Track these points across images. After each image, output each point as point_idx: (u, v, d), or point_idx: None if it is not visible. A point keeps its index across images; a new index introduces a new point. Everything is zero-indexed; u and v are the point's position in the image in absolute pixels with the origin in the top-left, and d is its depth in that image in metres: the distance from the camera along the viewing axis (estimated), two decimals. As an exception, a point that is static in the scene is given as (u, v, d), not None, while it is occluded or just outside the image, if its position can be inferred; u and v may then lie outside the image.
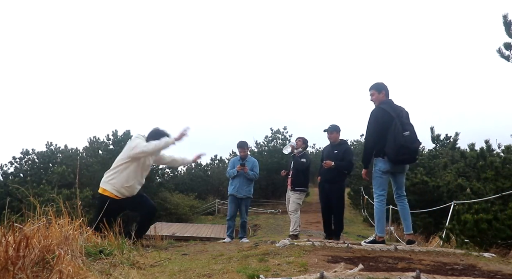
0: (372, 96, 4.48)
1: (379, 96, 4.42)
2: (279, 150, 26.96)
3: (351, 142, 36.88)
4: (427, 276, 2.54)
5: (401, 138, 4.09)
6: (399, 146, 4.09)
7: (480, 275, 2.89)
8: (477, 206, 5.82)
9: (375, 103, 4.47)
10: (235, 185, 6.69)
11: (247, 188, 6.68)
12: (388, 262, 3.30)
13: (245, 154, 6.84)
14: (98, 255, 3.12)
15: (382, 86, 4.47)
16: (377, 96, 4.43)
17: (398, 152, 4.11)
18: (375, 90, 4.47)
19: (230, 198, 6.79)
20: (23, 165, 20.16)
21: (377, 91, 4.45)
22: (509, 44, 5.26)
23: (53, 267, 2.12)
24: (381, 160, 4.28)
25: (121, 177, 4.56)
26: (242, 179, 6.65)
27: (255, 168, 6.75)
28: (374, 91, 4.47)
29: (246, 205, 6.80)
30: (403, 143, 4.08)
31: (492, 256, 3.79)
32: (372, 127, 4.29)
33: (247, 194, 6.69)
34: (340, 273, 2.47)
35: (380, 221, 4.41)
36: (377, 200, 4.36)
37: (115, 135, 21.55)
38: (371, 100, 4.51)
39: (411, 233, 4.51)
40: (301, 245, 3.92)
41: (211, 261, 3.33)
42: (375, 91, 4.46)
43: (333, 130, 6.15)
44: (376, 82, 4.52)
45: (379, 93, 4.43)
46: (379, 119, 4.26)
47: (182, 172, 29.06)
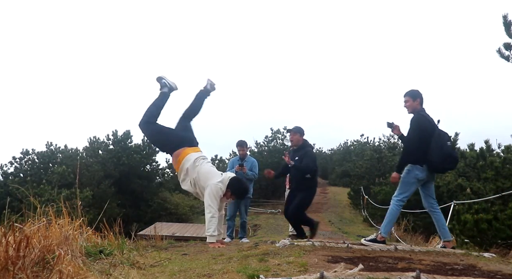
0: (406, 103, 4.45)
1: (413, 104, 4.40)
2: (279, 150, 26.94)
3: (351, 142, 36.94)
4: (427, 276, 2.54)
5: (447, 147, 4.19)
6: (446, 154, 4.17)
7: (480, 275, 2.89)
8: (477, 206, 5.83)
9: (408, 110, 4.46)
10: None
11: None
12: (388, 262, 3.30)
13: (244, 153, 6.84)
14: (98, 255, 3.12)
15: (417, 93, 4.43)
16: (411, 103, 4.41)
17: (445, 160, 4.18)
18: (409, 97, 4.43)
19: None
20: (23, 165, 20.15)
21: (411, 98, 4.42)
22: (509, 44, 5.26)
23: (53, 267, 2.12)
24: (419, 168, 4.26)
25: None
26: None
27: (254, 168, 6.75)
28: (408, 98, 4.44)
29: (245, 205, 6.80)
30: (450, 152, 4.20)
31: (492, 256, 3.79)
32: (417, 134, 4.25)
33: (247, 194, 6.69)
34: (340, 273, 2.47)
35: (390, 223, 4.42)
36: (397, 203, 4.35)
37: (115, 135, 21.54)
38: (404, 106, 4.49)
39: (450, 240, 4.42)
40: (301, 245, 3.92)
41: (211, 261, 3.32)
42: (409, 98, 4.43)
43: (296, 132, 5.70)
44: (411, 89, 4.48)
45: (413, 101, 4.40)
46: (422, 127, 4.25)
47: (182, 172, 29.01)
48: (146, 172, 22.40)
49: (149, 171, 22.76)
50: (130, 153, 21.09)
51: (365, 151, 25.16)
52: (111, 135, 21.58)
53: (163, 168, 25.59)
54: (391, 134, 27.84)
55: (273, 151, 27.20)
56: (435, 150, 4.16)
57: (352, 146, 35.48)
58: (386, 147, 23.61)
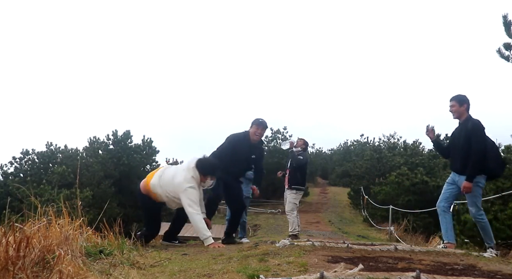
0: (452, 107, 4.42)
1: (459, 109, 4.37)
2: (279, 150, 26.89)
3: (351, 142, 36.94)
4: (427, 276, 2.54)
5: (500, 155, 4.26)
6: (502, 162, 4.24)
7: (480, 275, 2.89)
8: (477, 206, 5.82)
9: (454, 115, 4.43)
10: None
11: (246, 188, 6.67)
12: (388, 262, 3.30)
13: None
14: (98, 255, 3.12)
15: (464, 99, 4.38)
16: (458, 108, 4.37)
17: (503, 167, 4.25)
18: (456, 102, 4.39)
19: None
20: (23, 165, 20.15)
21: (458, 104, 4.38)
22: (509, 44, 5.26)
23: (53, 267, 2.12)
24: (483, 177, 4.24)
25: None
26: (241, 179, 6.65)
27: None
28: (454, 103, 4.40)
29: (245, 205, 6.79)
30: (504, 160, 4.30)
31: (492, 256, 3.79)
32: (483, 140, 4.18)
33: (246, 194, 6.69)
34: (340, 273, 2.47)
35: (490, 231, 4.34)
36: (483, 214, 4.31)
37: (115, 135, 21.53)
38: (450, 111, 4.45)
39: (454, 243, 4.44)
40: (301, 245, 3.92)
41: (211, 261, 3.32)
42: (455, 103, 4.39)
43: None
44: (458, 94, 4.44)
45: (460, 106, 4.37)
46: (483, 134, 4.20)
47: (182, 172, 29.05)
48: (146, 172, 22.19)
49: (149, 171, 22.71)
50: (130, 153, 21.07)
51: (365, 151, 25.17)
52: (111, 135, 21.57)
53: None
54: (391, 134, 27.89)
55: (273, 151, 27.16)
56: (493, 158, 4.15)
57: (352, 146, 35.48)
58: (386, 147, 23.62)
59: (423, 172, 13.17)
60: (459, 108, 4.38)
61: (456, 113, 4.42)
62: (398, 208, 11.08)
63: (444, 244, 4.40)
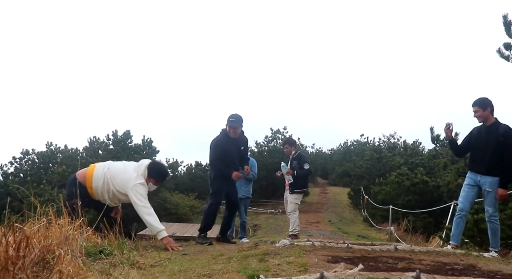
0: (476, 113, 4.38)
1: (483, 113, 4.33)
2: (279, 150, 26.87)
3: (351, 142, 36.92)
4: (427, 276, 2.54)
5: None
6: None
7: (480, 275, 2.89)
8: (477, 206, 5.81)
9: (479, 120, 4.40)
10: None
11: (245, 188, 6.69)
12: (388, 262, 3.30)
13: None
14: (98, 255, 3.12)
15: (486, 102, 4.34)
16: (482, 113, 4.33)
17: None
18: (478, 107, 4.35)
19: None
20: (23, 165, 20.16)
21: (481, 108, 4.33)
22: (509, 44, 5.27)
23: (53, 267, 2.12)
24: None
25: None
26: (240, 179, 6.65)
27: (253, 168, 6.76)
28: (477, 108, 4.36)
29: (245, 205, 6.81)
30: None
31: (492, 256, 3.79)
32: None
33: (246, 194, 6.70)
34: (340, 273, 2.47)
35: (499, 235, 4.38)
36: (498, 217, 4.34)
37: (115, 135, 21.54)
38: (475, 116, 4.41)
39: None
40: (301, 245, 3.92)
41: (211, 261, 3.33)
42: (478, 108, 4.35)
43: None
44: (480, 98, 4.39)
45: (484, 110, 4.32)
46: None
47: (182, 172, 29.08)
48: (146, 172, 22.36)
49: (149, 171, 22.72)
50: (130, 153, 21.06)
51: (365, 151, 25.20)
52: (111, 135, 21.59)
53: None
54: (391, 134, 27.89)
55: (273, 151, 27.14)
56: None
57: (352, 146, 35.49)
58: (386, 147, 23.63)
59: (423, 172, 13.18)
60: (483, 113, 4.33)
61: (481, 118, 4.37)
62: (398, 208, 11.08)
63: (452, 246, 4.40)
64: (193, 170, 29.03)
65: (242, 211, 6.78)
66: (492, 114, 4.35)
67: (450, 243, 4.50)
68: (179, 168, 28.37)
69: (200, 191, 26.41)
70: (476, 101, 4.39)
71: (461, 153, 4.91)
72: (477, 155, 4.47)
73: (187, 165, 29.54)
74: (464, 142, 4.74)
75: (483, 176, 4.31)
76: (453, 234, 4.53)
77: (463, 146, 4.77)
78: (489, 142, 4.30)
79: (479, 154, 4.43)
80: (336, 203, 21.46)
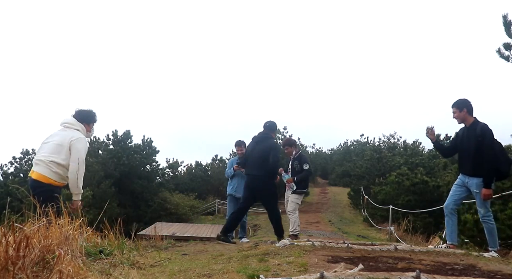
0: (454, 114, 4.45)
1: (460, 114, 4.39)
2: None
3: (351, 142, 36.92)
4: (427, 276, 2.54)
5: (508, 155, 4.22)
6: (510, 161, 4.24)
7: (480, 275, 2.89)
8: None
9: (458, 121, 4.46)
10: (233, 185, 6.73)
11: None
12: (388, 262, 3.30)
13: (242, 152, 6.88)
14: (98, 255, 3.12)
15: (463, 103, 4.40)
16: (459, 114, 4.40)
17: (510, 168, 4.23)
18: (455, 108, 4.43)
19: (229, 198, 6.82)
20: (23, 165, 20.16)
21: (458, 109, 4.40)
22: (508, 44, 5.27)
23: (53, 267, 2.12)
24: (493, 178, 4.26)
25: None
26: (240, 179, 6.66)
27: None
28: (455, 109, 4.43)
29: None
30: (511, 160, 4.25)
31: (492, 256, 3.79)
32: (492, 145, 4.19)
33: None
34: (340, 273, 2.47)
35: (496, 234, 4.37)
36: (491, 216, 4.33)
37: (115, 135, 21.54)
38: (453, 117, 4.48)
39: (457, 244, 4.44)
40: (301, 245, 3.92)
41: (211, 261, 3.33)
42: (456, 109, 4.43)
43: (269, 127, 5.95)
44: (458, 99, 4.46)
45: (460, 111, 4.39)
46: (492, 137, 4.22)
47: (182, 172, 29.08)
48: (146, 172, 22.39)
49: (149, 171, 22.76)
50: (130, 153, 21.08)
51: (365, 151, 25.18)
52: (111, 135, 21.58)
53: (163, 168, 25.58)
54: (391, 134, 27.91)
55: (273, 151, 27.07)
56: (504, 160, 4.18)
57: (352, 146, 35.51)
58: (386, 147, 23.63)
59: (423, 172, 13.18)
60: (460, 114, 4.40)
61: (459, 119, 4.44)
62: (398, 208, 11.08)
63: (447, 245, 4.41)
64: (193, 170, 29.03)
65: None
66: (470, 115, 4.39)
67: (447, 243, 4.51)
68: (179, 168, 28.39)
69: (200, 191, 26.42)
70: (454, 102, 4.46)
71: (447, 154, 4.97)
72: (462, 157, 4.53)
73: (187, 165, 29.58)
74: (451, 143, 4.83)
75: (470, 178, 4.35)
76: (447, 234, 4.56)
77: (449, 147, 4.85)
78: (470, 143, 4.35)
79: (464, 156, 4.49)
80: (336, 203, 21.46)
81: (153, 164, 23.20)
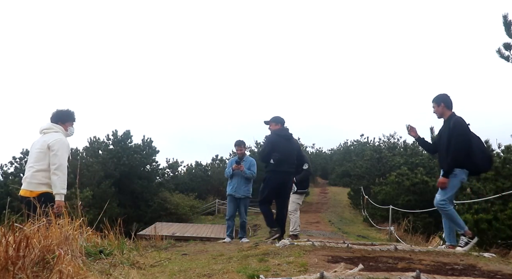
0: (433, 109, 4.50)
1: (438, 109, 4.44)
2: (279, 150, 26.80)
3: (351, 142, 36.92)
4: (427, 276, 2.54)
5: (487, 150, 4.29)
6: (488, 157, 4.27)
7: (480, 275, 2.89)
8: (477, 206, 5.82)
9: (437, 116, 4.50)
10: (233, 185, 6.73)
11: (245, 187, 6.70)
12: (388, 262, 3.30)
13: (242, 152, 6.91)
14: (98, 255, 3.12)
15: (441, 98, 4.45)
16: (437, 108, 4.45)
17: (489, 162, 4.27)
18: (435, 103, 4.48)
19: (228, 198, 6.83)
20: (23, 165, 20.13)
21: (436, 104, 4.45)
22: (508, 44, 5.27)
23: (53, 267, 2.12)
24: (465, 171, 4.26)
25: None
26: (240, 178, 6.67)
27: (252, 167, 6.79)
28: (434, 104, 4.49)
29: (245, 205, 6.81)
30: (490, 155, 4.29)
31: (492, 256, 3.79)
32: (465, 138, 4.20)
33: (246, 194, 6.71)
34: (340, 273, 2.47)
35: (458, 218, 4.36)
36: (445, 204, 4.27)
37: (115, 135, 21.55)
38: (433, 112, 4.52)
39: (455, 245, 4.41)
40: (301, 245, 3.92)
41: (211, 261, 3.33)
42: (434, 104, 4.48)
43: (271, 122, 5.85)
44: (437, 95, 4.50)
45: (438, 106, 4.43)
46: (465, 129, 4.24)
47: (182, 172, 29.09)
48: (146, 172, 22.41)
49: (149, 171, 22.78)
50: (130, 153, 21.09)
51: (365, 151, 25.17)
52: (111, 135, 21.59)
53: (163, 168, 25.60)
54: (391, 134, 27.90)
55: (273, 151, 27.06)
56: (478, 153, 4.18)
57: (352, 146, 35.51)
58: (386, 147, 23.61)
59: (423, 172, 13.16)
60: (438, 108, 4.45)
61: (437, 114, 4.49)
62: (398, 208, 11.08)
63: (447, 246, 4.40)
64: (193, 170, 29.03)
65: (242, 211, 6.78)
66: (448, 109, 4.41)
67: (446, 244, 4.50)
68: (179, 168, 28.40)
69: (200, 191, 26.43)
70: (434, 98, 4.50)
71: (430, 150, 4.96)
72: (439, 152, 4.55)
73: (187, 165, 29.59)
74: (434, 139, 4.87)
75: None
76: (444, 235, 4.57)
77: (431, 144, 4.88)
78: (444, 136, 4.37)
79: (440, 150, 4.51)
80: (336, 203, 21.47)
81: (153, 164, 23.22)
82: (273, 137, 5.76)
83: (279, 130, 5.74)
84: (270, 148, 5.59)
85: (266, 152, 5.60)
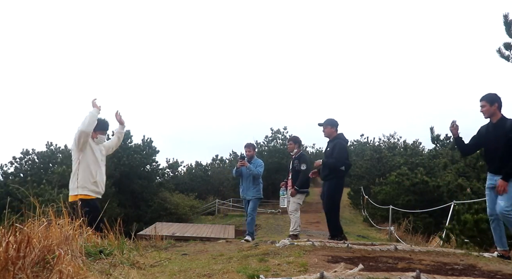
0: (483, 108, 4.27)
1: (490, 109, 4.21)
2: (279, 150, 26.91)
3: (351, 142, 36.90)
4: (427, 276, 2.54)
5: None
6: None
7: (480, 275, 2.89)
8: (477, 206, 5.82)
9: (485, 115, 4.30)
10: (243, 188, 6.99)
11: (253, 189, 6.90)
12: (388, 262, 3.30)
13: (250, 154, 7.10)
14: (98, 255, 3.12)
15: (495, 97, 4.23)
16: (488, 108, 4.22)
17: None
18: (486, 102, 4.24)
19: (243, 200, 7.34)
20: (23, 165, 20.19)
21: (489, 103, 4.22)
22: (509, 44, 5.27)
23: (53, 267, 2.12)
24: None
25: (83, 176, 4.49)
26: (248, 182, 6.90)
27: (259, 168, 6.96)
28: (485, 103, 4.25)
29: (254, 204, 6.96)
30: None
31: (492, 256, 3.79)
32: None
33: (255, 195, 6.90)
34: (340, 273, 2.47)
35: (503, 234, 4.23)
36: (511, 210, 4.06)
37: (115, 135, 21.52)
38: (481, 111, 4.31)
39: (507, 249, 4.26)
40: (301, 245, 3.92)
41: (211, 261, 3.33)
42: (486, 103, 4.24)
43: (327, 125, 5.82)
44: (488, 93, 4.28)
45: (491, 106, 4.21)
46: None
47: (182, 172, 29.11)
48: (146, 172, 22.42)
49: (149, 171, 22.79)
50: (130, 153, 21.09)
51: (365, 151, 25.21)
52: (111, 135, 21.56)
53: (163, 168, 25.63)
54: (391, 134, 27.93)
55: (273, 151, 27.17)
56: None
57: (352, 146, 35.50)
58: (386, 147, 23.64)
59: (423, 172, 13.18)
60: (490, 108, 4.22)
61: (487, 113, 4.26)
62: (398, 208, 11.08)
63: (499, 252, 4.17)
64: (193, 170, 29.06)
65: (249, 208, 6.94)
66: (499, 110, 4.23)
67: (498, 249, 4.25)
68: (179, 168, 28.42)
69: (200, 191, 26.46)
70: (484, 96, 4.28)
71: (468, 152, 4.73)
72: (488, 155, 4.38)
73: (187, 165, 29.62)
74: (472, 141, 4.60)
75: (498, 176, 4.15)
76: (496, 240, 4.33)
77: (471, 145, 4.64)
78: (498, 139, 4.18)
79: (490, 153, 4.33)
80: (336, 203, 21.43)
81: (153, 164, 23.23)
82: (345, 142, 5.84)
83: (343, 135, 5.83)
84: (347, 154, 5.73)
85: (345, 157, 5.64)
